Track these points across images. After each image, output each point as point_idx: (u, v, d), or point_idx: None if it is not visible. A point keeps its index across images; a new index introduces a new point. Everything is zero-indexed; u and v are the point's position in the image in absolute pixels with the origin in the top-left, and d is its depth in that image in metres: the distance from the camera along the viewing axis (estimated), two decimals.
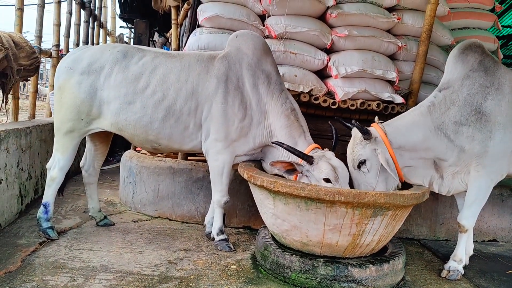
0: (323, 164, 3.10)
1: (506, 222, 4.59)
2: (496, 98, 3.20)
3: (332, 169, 3.08)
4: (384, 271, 2.89)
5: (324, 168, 3.08)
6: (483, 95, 3.21)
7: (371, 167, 3.15)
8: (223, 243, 3.50)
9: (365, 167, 3.15)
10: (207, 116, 3.38)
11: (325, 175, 3.06)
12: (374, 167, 3.15)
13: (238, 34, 3.59)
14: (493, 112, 3.17)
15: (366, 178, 3.16)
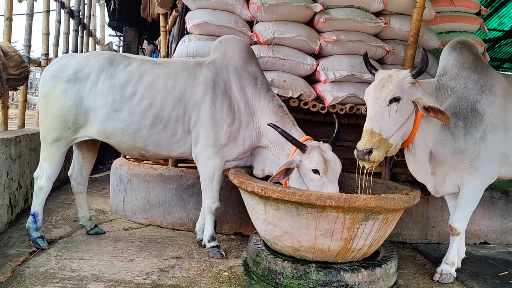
0: (315, 155, 3.10)
1: (497, 224, 4.62)
2: (489, 99, 3.20)
3: (323, 161, 3.08)
4: (377, 276, 2.89)
5: (315, 158, 3.08)
6: (478, 93, 3.20)
7: (401, 110, 2.89)
8: (214, 250, 3.48)
9: (396, 107, 2.87)
10: (196, 122, 3.38)
11: (314, 166, 3.06)
12: (404, 112, 2.90)
13: (222, 40, 3.63)
14: (486, 113, 3.17)
15: (389, 117, 2.87)
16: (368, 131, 2.86)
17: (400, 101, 2.89)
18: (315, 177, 3.09)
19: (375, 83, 3.02)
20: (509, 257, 4.16)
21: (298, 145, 3.15)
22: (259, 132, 3.49)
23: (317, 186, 3.08)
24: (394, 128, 2.89)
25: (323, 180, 3.07)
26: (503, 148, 3.24)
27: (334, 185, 3.10)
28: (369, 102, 2.98)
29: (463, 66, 3.27)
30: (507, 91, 3.28)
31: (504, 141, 3.22)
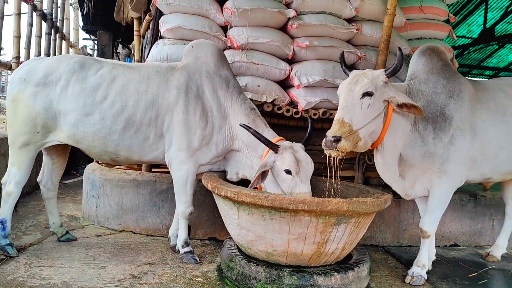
0: (287, 155, 3.12)
1: (466, 226, 4.73)
2: (457, 104, 3.28)
3: (295, 161, 3.11)
4: (349, 279, 2.91)
5: (287, 159, 3.11)
6: (446, 98, 3.28)
7: (372, 106, 2.95)
8: (188, 255, 3.46)
9: (368, 101, 2.93)
10: (169, 126, 3.37)
11: (286, 166, 3.09)
12: (375, 108, 2.96)
13: (194, 44, 3.63)
14: (454, 117, 3.25)
15: (361, 111, 2.92)
16: (339, 121, 2.91)
17: (372, 96, 2.95)
18: (287, 178, 3.11)
19: (350, 78, 3.09)
20: (478, 258, 4.26)
21: (270, 146, 3.17)
22: (232, 135, 3.49)
23: (289, 186, 3.11)
24: (364, 121, 2.93)
25: (295, 180, 3.10)
26: (471, 152, 3.32)
27: (306, 185, 3.13)
28: (342, 94, 3.03)
29: (432, 71, 3.35)
30: (473, 96, 3.38)
31: (472, 145, 3.30)
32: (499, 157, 3.43)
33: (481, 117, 3.34)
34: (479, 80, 3.82)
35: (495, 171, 3.51)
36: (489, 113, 3.38)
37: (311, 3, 4.27)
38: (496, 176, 3.61)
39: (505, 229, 4.19)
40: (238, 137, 3.47)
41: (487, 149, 3.36)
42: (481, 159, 3.38)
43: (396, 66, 3.00)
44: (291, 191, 3.10)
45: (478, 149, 3.34)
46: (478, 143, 3.32)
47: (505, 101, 3.47)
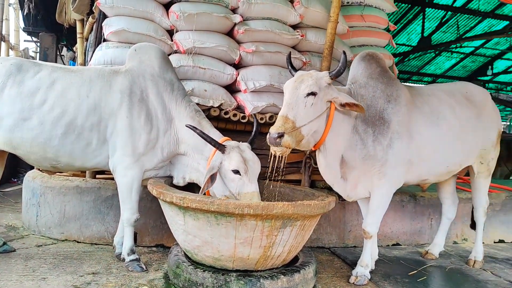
0: (234, 155, 3.13)
1: (407, 226, 4.94)
2: (395, 108, 3.42)
3: (242, 160, 3.12)
4: (295, 281, 2.95)
5: (235, 159, 3.12)
6: (385, 102, 3.41)
7: (315, 105, 3.03)
8: (134, 263, 3.38)
9: (312, 100, 3.01)
10: (112, 131, 3.29)
11: (234, 166, 3.10)
12: (318, 107, 3.05)
13: (137, 48, 3.57)
14: (392, 121, 3.38)
15: (304, 109, 2.99)
16: (283, 117, 2.97)
17: (316, 96, 3.04)
18: (235, 177, 3.12)
19: (296, 77, 3.16)
20: (418, 256, 4.47)
21: (217, 146, 3.17)
22: (177, 138, 3.46)
23: (237, 186, 3.12)
24: (307, 119, 3.00)
25: (244, 180, 3.12)
26: (408, 155, 3.47)
27: (254, 184, 3.15)
28: (287, 92, 3.10)
29: (371, 76, 3.49)
30: (410, 101, 3.54)
31: (409, 148, 3.45)
32: (434, 159, 3.62)
33: (417, 121, 3.50)
34: (414, 86, 4.02)
35: (431, 172, 3.71)
36: (424, 117, 3.56)
37: (257, 9, 4.32)
38: (432, 178, 3.81)
39: (442, 228, 4.42)
40: (184, 140, 3.44)
41: (423, 151, 3.53)
42: (418, 161, 3.54)
43: (340, 68, 3.10)
44: (239, 191, 3.11)
45: (414, 152, 3.49)
46: (415, 146, 3.48)
47: (439, 106, 3.68)
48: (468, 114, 3.81)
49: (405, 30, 12.89)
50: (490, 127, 4.03)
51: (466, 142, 3.79)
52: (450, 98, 3.81)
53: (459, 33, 12.59)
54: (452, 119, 3.68)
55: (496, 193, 5.53)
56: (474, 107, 3.90)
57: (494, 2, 11.29)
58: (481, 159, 4.04)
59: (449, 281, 3.81)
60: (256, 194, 3.12)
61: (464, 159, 3.89)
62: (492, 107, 4.12)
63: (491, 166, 4.16)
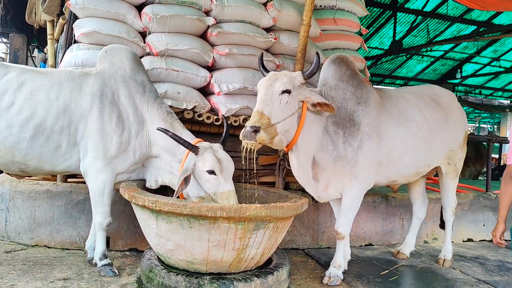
0: (208, 155, 3.13)
1: (379, 226, 5.03)
2: (365, 110, 3.48)
3: (216, 160, 3.12)
4: (269, 283, 2.96)
5: (209, 159, 3.11)
6: (355, 104, 3.47)
7: (289, 103, 3.08)
8: (106, 268, 3.34)
9: (286, 98, 3.06)
10: (83, 134, 3.25)
11: (209, 166, 3.09)
12: (291, 106, 3.10)
13: (108, 49, 3.53)
14: (362, 123, 3.44)
15: (279, 106, 3.04)
16: (258, 112, 3.00)
17: (290, 94, 3.09)
18: (210, 178, 3.11)
19: (269, 76, 3.21)
20: (390, 256, 4.55)
21: (190, 147, 3.16)
22: (149, 140, 3.43)
23: (213, 186, 3.11)
24: (281, 117, 3.05)
25: (219, 179, 3.11)
26: (378, 156, 3.53)
27: (229, 184, 3.16)
28: (261, 89, 3.14)
29: (341, 79, 3.55)
30: (379, 104, 3.62)
31: (379, 150, 3.52)
32: (403, 160, 3.69)
33: (386, 123, 3.57)
34: (383, 89, 4.11)
35: (400, 173, 3.78)
36: (393, 119, 3.63)
37: (230, 12, 4.33)
38: (401, 179, 3.89)
39: (413, 228, 4.52)
40: (156, 142, 3.41)
41: (392, 153, 3.61)
42: (387, 163, 3.61)
43: (313, 69, 3.17)
44: (215, 191, 3.11)
45: (384, 153, 3.56)
46: (384, 147, 3.55)
47: (407, 108, 3.77)
48: (435, 116, 3.91)
49: (377, 33, 13.13)
50: (457, 128, 4.14)
51: (434, 143, 3.88)
52: (418, 101, 3.90)
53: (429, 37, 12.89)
54: (420, 121, 3.77)
55: (465, 193, 5.69)
56: (442, 109, 4.00)
57: (462, 7, 11.62)
58: (448, 160, 4.15)
59: (419, 280, 3.90)
60: (232, 193, 3.13)
61: (433, 160, 3.99)
62: (459, 109, 4.25)
63: (459, 167, 4.27)
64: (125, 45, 3.86)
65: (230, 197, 3.11)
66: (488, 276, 4.14)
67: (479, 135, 14.01)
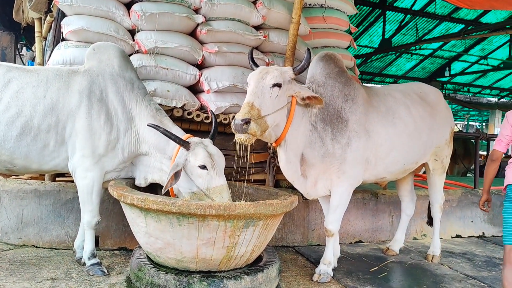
0: (200, 150, 3.13)
1: (368, 223, 5.06)
2: (353, 107, 3.50)
3: (208, 155, 3.13)
4: (259, 281, 2.97)
5: (201, 154, 3.11)
6: (343, 101, 3.49)
7: (279, 97, 3.11)
8: (95, 267, 3.32)
9: (277, 92, 3.09)
10: (71, 133, 3.22)
11: (200, 162, 3.10)
12: (281, 100, 3.13)
13: (95, 47, 3.50)
14: (350, 120, 3.46)
15: (270, 98, 3.06)
16: (249, 104, 3.00)
17: (281, 88, 3.13)
18: (202, 173, 3.11)
19: (260, 69, 3.24)
20: (379, 253, 4.58)
21: (181, 143, 3.16)
22: (138, 138, 3.41)
23: (205, 181, 3.11)
24: (272, 109, 3.07)
25: (211, 174, 3.12)
26: (366, 153, 3.55)
27: (222, 178, 3.16)
28: (252, 82, 3.15)
29: (329, 76, 3.57)
30: (366, 101, 3.63)
31: (367, 147, 3.53)
32: (391, 157, 3.71)
33: (373, 120, 3.59)
34: (371, 86, 4.14)
35: (388, 171, 3.80)
36: (380, 116, 3.65)
37: (220, 10, 4.32)
38: (389, 176, 3.92)
39: (402, 225, 4.55)
40: (145, 139, 3.39)
41: (380, 150, 3.63)
42: (375, 160, 3.63)
43: (304, 64, 3.20)
44: (208, 186, 3.11)
45: (372, 150, 3.58)
46: (372, 144, 3.56)
47: (394, 106, 3.79)
48: (422, 113, 3.94)
49: (367, 32, 13.19)
50: (444, 125, 4.19)
51: (421, 140, 3.91)
52: (405, 98, 3.92)
53: (418, 36, 13.00)
54: (407, 118, 3.79)
55: (453, 190, 5.74)
56: (428, 106, 4.04)
57: (450, 6, 11.72)
58: (435, 157, 4.19)
59: (408, 276, 3.93)
60: (225, 187, 3.13)
61: (420, 156, 4.02)
62: (445, 106, 4.29)
63: (445, 163, 4.31)
64: (114, 43, 3.84)
65: (223, 191, 3.10)
66: (476, 271, 4.19)
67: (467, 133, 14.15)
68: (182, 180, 3.17)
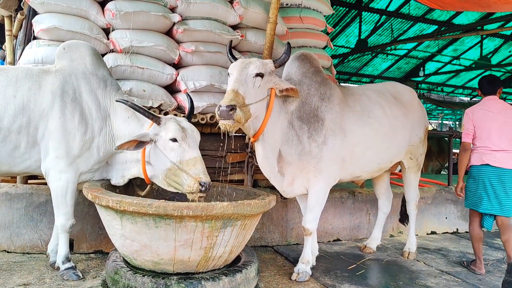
0: (171, 124, 3.12)
1: (346, 221, 5.10)
2: (328, 106, 3.51)
3: (179, 128, 3.11)
4: (237, 281, 2.95)
5: (172, 127, 3.10)
6: (319, 100, 3.50)
7: (261, 88, 3.18)
8: (69, 271, 3.24)
9: (259, 82, 3.15)
10: (44, 134, 3.13)
11: (171, 134, 3.08)
12: (262, 91, 3.19)
13: (66, 46, 3.41)
14: (326, 119, 3.47)
15: (253, 87, 3.12)
16: (234, 91, 3.02)
17: (262, 79, 3.18)
18: (174, 146, 3.09)
19: (242, 60, 3.28)
20: (357, 251, 4.62)
21: (151, 117, 3.14)
22: (113, 135, 3.34)
23: (178, 154, 3.08)
24: (255, 99, 3.12)
25: (183, 146, 3.09)
26: (342, 152, 3.57)
27: (195, 150, 3.14)
28: (235, 71, 3.16)
29: (305, 75, 3.59)
30: (342, 101, 3.65)
31: (342, 146, 3.55)
32: (366, 156, 3.75)
33: (349, 120, 3.61)
34: (347, 86, 4.18)
35: (363, 169, 3.85)
36: (355, 116, 3.68)
37: (196, 9, 4.28)
38: (365, 174, 3.97)
39: (379, 222, 4.60)
40: (120, 135, 3.32)
41: (355, 149, 3.65)
42: (351, 159, 3.65)
43: (284, 57, 3.26)
44: (181, 159, 3.08)
45: (348, 149, 3.60)
46: (348, 143, 3.58)
47: (369, 105, 3.82)
48: (396, 112, 3.99)
49: (343, 32, 13.31)
50: (418, 124, 4.25)
51: (395, 139, 3.96)
52: (380, 98, 3.96)
53: (393, 36, 13.19)
54: (382, 118, 3.83)
55: (428, 187, 5.84)
56: (402, 106, 4.09)
57: (424, 7, 11.94)
58: (410, 155, 4.24)
59: (385, 273, 3.97)
60: (199, 159, 3.10)
61: (395, 155, 4.08)
62: (419, 105, 4.35)
63: (420, 161, 4.38)
64: (88, 42, 3.76)
65: (197, 163, 3.07)
66: (451, 267, 4.27)
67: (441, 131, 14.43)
68: (156, 157, 3.14)
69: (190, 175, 3.01)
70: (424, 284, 3.74)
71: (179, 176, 3.05)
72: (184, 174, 3.03)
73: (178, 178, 3.07)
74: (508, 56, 16.16)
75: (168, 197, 3.71)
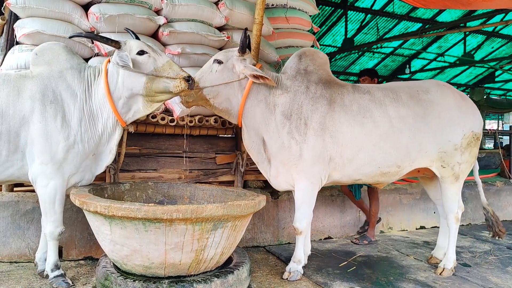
0: (131, 42, 3.24)
1: (337, 219, 5.12)
2: (314, 106, 3.50)
3: (142, 42, 3.23)
4: (229, 283, 2.94)
5: (134, 43, 3.22)
6: (307, 98, 3.50)
7: (221, 72, 3.46)
8: (59, 279, 3.19)
9: (216, 68, 3.47)
10: (26, 140, 3.06)
11: (137, 48, 3.18)
12: (225, 75, 3.47)
13: (38, 51, 3.28)
14: (309, 118, 3.46)
15: (210, 73, 3.47)
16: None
17: (222, 64, 3.47)
18: (144, 58, 3.17)
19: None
20: (348, 248, 4.65)
21: (109, 42, 3.18)
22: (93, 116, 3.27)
23: (151, 64, 3.17)
24: (209, 83, 3.44)
25: (153, 56, 3.18)
26: (327, 153, 3.50)
27: (165, 56, 3.31)
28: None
29: (299, 72, 3.62)
30: (335, 101, 3.57)
31: (327, 147, 3.49)
32: (359, 158, 3.55)
33: (339, 120, 3.51)
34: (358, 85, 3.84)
35: (360, 172, 3.63)
36: (348, 116, 3.52)
37: (181, 11, 4.25)
38: (365, 178, 3.72)
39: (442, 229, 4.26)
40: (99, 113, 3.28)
41: (345, 150, 3.52)
42: (341, 161, 3.55)
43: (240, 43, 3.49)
44: (155, 67, 3.16)
45: (336, 151, 3.52)
46: (335, 144, 3.50)
47: (369, 105, 3.59)
48: (404, 113, 3.62)
49: (330, 32, 13.34)
50: (449, 127, 3.71)
51: (398, 142, 3.60)
52: (385, 97, 3.66)
53: (379, 35, 13.26)
54: (380, 119, 3.57)
55: (416, 183, 5.87)
56: (421, 106, 3.68)
57: (408, 6, 12.02)
58: (442, 163, 3.75)
59: (376, 269, 4.00)
60: (171, 61, 3.22)
61: (402, 160, 3.66)
62: (454, 106, 3.77)
63: (458, 171, 3.79)
64: (72, 46, 3.72)
65: (172, 65, 3.20)
66: None
67: None
68: (129, 79, 3.16)
69: (171, 77, 3.12)
70: (414, 278, 3.77)
71: (160, 83, 3.15)
72: (164, 79, 3.13)
73: (159, 85, 3.16)
74: (490, 52, 16.34)
75: (157, 201, 3.68)
